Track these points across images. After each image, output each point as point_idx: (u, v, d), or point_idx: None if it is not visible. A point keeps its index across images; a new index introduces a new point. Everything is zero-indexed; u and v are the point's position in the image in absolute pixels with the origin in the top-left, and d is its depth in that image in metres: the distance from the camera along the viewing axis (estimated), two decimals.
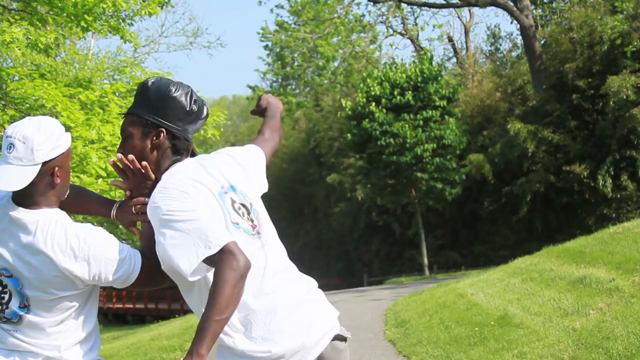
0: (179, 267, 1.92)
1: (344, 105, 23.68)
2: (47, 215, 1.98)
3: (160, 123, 2.14)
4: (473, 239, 26.32)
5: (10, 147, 1.92)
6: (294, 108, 36.73)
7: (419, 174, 22.22)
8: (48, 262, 1.94)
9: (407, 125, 21.76)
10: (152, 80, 2.17)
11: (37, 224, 1.96)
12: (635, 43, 19.01)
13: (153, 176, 2.12)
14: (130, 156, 2.09)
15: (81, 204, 2.27)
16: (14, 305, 1.98)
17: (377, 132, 21.80)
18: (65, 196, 2.09)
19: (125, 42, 8.15)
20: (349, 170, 27.91)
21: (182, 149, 2.17)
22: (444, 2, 29.36)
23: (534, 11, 26.92)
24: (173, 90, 2.15)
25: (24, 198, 1.97)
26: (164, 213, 1.95)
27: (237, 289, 1.84)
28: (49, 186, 1.99)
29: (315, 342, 2.10)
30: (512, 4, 24.60)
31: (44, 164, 1.94)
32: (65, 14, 7.32)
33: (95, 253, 1.97)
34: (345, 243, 31.08)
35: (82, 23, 7.41)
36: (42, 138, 1.93)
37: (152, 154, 2.14)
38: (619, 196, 20.37)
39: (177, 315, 20.63)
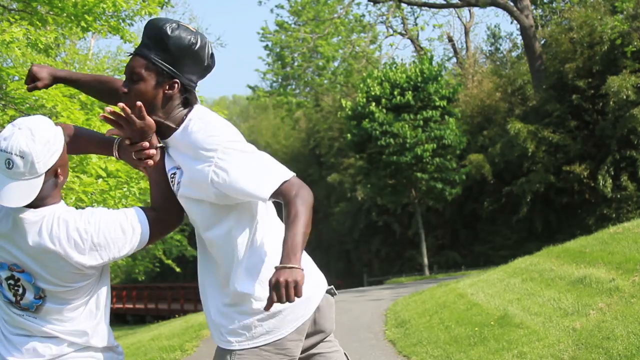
0: (256, 189, 2.00)
1: (344, 105, 23.68)
2: (51, 211, 1.99)
3: (177, 75, 2.12)
4: (473, 239, 26.31)
5: (9, 163, 1.88)
6: (294, 108, 36.73)
7: (419, 174, 22.22)
8: (58, 258, 1.96)
9: (407, 125, 21.76)
10: (173, 27, 2.10)
11: (41, 223, 1.96)
12: (635, 43, 19.00)
13: (149, 119, 2.08)
14: (139, 103, 2.06)
15: (81, 146, 2.25)
16: (30, 296, 2.01)
17: (377, 132, 21.80)
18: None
19: (125, 42, 8.15)
20: (349, 170, 27.92)
21: (192, 102, 2.18)
22: (444, 2, 29.37)
23: (534, 11, 26.91)
24: (195, 44, 2.12)
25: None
26: (235, 147, 2.03)
27: (311, 211, 1.99)
28: (53, 185, 2.00)
29: (317, 293, 2.22)
30: (512, 4, 24.60)
31: (47, 171, 1.95)
32: (65, 14, 7.31)
33: (100, 240, 1.99)
34: (345, 243, 31.08)
35: (82, 23, 7.40)
36: (40, 148, 1.91)
37: (162, 103, 2.13)
38: (619, 196, 20.36)
39: (177, 315, 20.63)
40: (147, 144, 2.09)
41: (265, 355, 2.12)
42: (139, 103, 2.06)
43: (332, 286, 2.31)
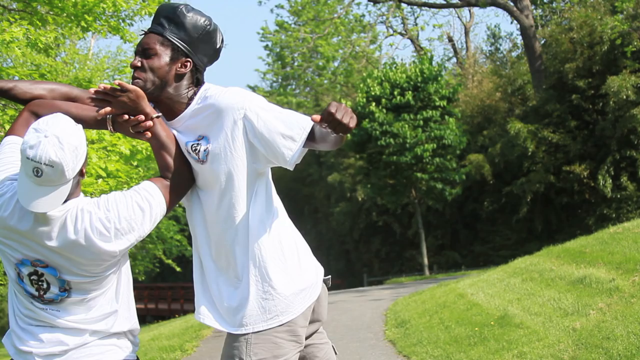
0: (288, 131, 2.08)
1: None
2: (73, 205, 2.01)
3: (190, 54, 2.16)
4: (473, 239, 26.31)
5: (37, 172, 1.88)
6: (294, 108, 36.74)
7: (419, 174, 22.22)
8: (85, 250, 1.99)
9: (407, 125, 21.75)
10: (188, 8, 2.16)
11: (66, 217, 1.98)
12: (635, 43, 19.00)
13: (135, 88, 2.10)
14: (118, 82, 2.08)
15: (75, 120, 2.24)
16: (54, 290, 2.03)
17: (377, 132, 21.79)
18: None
19: (125, 42, 8.15)
20: (349, 170, 27.91)
21: (202, 82, 2.22)
22: (444, 2, 29.36)
23: (534, 11, 26.92)
24: (209, 25, 2.18)
25: None
26: (260, 100, 2.11)
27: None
28: (77, 183, 2.02)
29: (319, 281, 2.28)
30: (512, 4, 24.60)
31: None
32: (65, 14, 7.31)
33: (122, 225, 2.02)
34: (345, 243, 31.08)
35: (82, 23, 7.40)
36: (69, 156, 1.91)
37: (174, 80, 2.17)
38: (619, 196, 20.35)
39: (177, 315, 20.64)
40: (142, 117, 2.11)
41: (280, 342, 2.13)
42: (118, 81, 2.09)
43: (330, 276, 2.35)
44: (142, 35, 2.19)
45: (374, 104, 22.40)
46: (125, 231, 2.03)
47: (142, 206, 2.07)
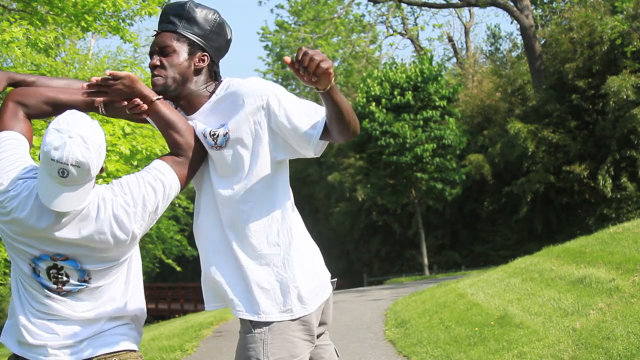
0: (307, 118, 2.10)
1: None
2: (93, 195, 2.02)
3: (207, 48, 2.19)
4: (473, 239, 26.31)
5: (63, 173, 1.88)
6: None
7: (419, 174, 22.21)
8: (108, 237, 2.01)
9: (407, 125, 21.75)
10: (195, 3, 2.18)
11: (89, 209, 2.00)
12: (635, 43, 19.00)
13: (127, 73, 2.10)
14: (108, 72, 2.08)
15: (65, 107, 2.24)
16: (73, 281, 2.05)
17: (377, 132, 21.80)
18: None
19: (125, 42, 8.15)
20: (349, 170, 27.91)
21: (219, 75, 2.24)
22: (444, 2, 29.37)
23: (534, 11, 26.92)
24: (219, 17, 2.20)
25: None
26: (281, 89, 2.14)
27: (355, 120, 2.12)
28: (96, 177, 2.04)
29: (329, 283, 2.29)
30: (512, 4, 24.60)
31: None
32: (65, 14, 7.31)
33: (138, 208, 2.04)
34: (345, 243, 31.07)
35: (82, 23, 7.40)
36: (94, 155, 1.92)
37: (193, 75, 2.18)
38: (619, 196, 20.35)
39: (177, 315, 20.63)
40: (137, 100, 2.10)
41: (296, 341, 2.11)
42: (108, 71, 2.09)
43: (335, 279, 2.36)
44: (154, 36, 2.20)
45: (374, 104, 22.39)
46: (141, 212, 2.05)
47: (155, 186, 2.08)
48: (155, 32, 2.21)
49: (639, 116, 19.10)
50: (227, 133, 2.13)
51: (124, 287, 2.14)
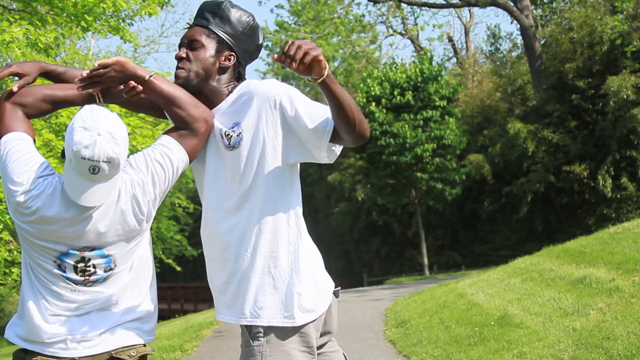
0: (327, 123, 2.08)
1: None
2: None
3: (235, 48, 2.19)
4: (473, 239, 26.31)
5: (94, 170, 1.92)
6: None
7: (419, 174, 22.21)
8: (131, 216, 2.05)
9: (407, 125, 21.75)
10: (232, 4, 2.20)
11: (113, 195, 2.04)
12: (635, 43, 19.00)
13: (115, 58, 2.10)
14: (96, 63, 2.08)
15: (62, 106, 2.25)
16: (99, 271, 2.07)
17: (377, 132, 21.79)
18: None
19: (125, 42, 8.15)
20: (349, 170, 27.91)
21: (243, 77, 2.24)
22: (444, 2, 29.37)
23: (534, 11, 26.91)
24: (253, 21, 2.21)
25: None
26: (296, 91, 2.12)
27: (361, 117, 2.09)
28: None
29: (329, 293, 2.26)
30: (512, 4, 24.60)
31: None
32: (65, 14, 7.31)
33: (151, 187, 2.09)
34: (345, 243, 31.07)
35: (82, 23, 7.40)
36: (123, 150, 1.96)
37: (217, 73, 2.19)
38: (619, 196, 20.35)
39: (177, 315, 20.63)
40: (132, 82, 2.10)
41: (294, 353, 2.10)
42: (97, 62, 2.09)
43: (339, 287, 2.34)
44: (186, 29, 2.22)
45: (374, 104, 22.39)
46: (152, 189, 2.09)
47: (162, 162, 2.11)
48: (187, 25, 2.23)
49: (639, 116, 19.09)
50: (240, 133, 2.13)
51: (136, 274, 2.16)
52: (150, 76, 2.12)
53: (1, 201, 6.37)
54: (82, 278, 2.05)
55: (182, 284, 29.05)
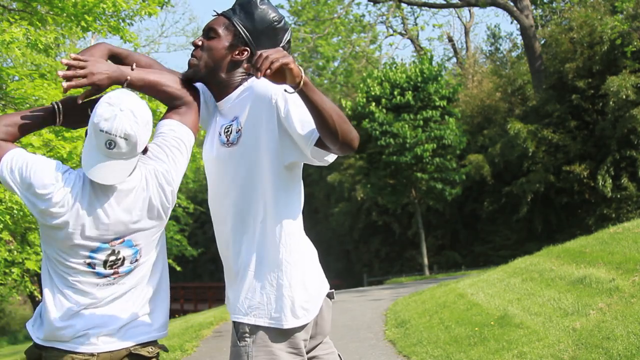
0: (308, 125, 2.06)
1: (344, 105, 23.66)
2: (140, 172, 2.08)
3: (250, 44, 2.18)
4: (473, 239, 26.31)
5: (111, 144, 1.94)
6: None
7: (419, 174, 22.21)
8: (156, 205, 2.08)
9: (407, 125, 21.75)
10: (264, 2, 2.19)
11: (139, 185, 2.06)
12: (635, 43, 18.99)
13: (90, 51, 2.10)
14: (73, 55, 2.08)
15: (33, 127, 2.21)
16: (127, 263, 2.10)
17: (377, 132, 21.79)
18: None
19: (125, 42, 8.14)
20: (349, 170, 27.91)
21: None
22: (444, 2, 29.37)
23: (534, 11, 26.92)
24: (278, 22, 2.19)
25: None
26: (297, 100, 2.06)
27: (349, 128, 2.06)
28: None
29: (321, 295, 2.24)
30: (512, 4, 24.60)
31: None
32: (65, 14, 7.30)
33: (174, 175, 2.12)
34: (345, 243, 31.07)
35: (82, 23, 7.40)
36: (142, 130, 1.97)
37: (227, 66, 2.19)
38: (619, 196, 20.35)
39: (177, 315, 20.62)
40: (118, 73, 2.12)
41: (281, 354, 2.09)
42: (73, 55, 2.08)
43: (333, 290, 2.33)
44: (214, 17, 2.23)
45: (374, 104, 22.39)
46: (175, 176, 2.12)
47: (178, 146, 2.14)
48: (215, 13, 2.23)
49: (639, 116, 19.10)
50: (239, 130, 2.13)
51: (154, 266, 2.21)
52: (126, 81, 2.12)
53: (1, 201, 6.37)
54: (112, 271, 2.07)
55: (182, 284, 29.00)
